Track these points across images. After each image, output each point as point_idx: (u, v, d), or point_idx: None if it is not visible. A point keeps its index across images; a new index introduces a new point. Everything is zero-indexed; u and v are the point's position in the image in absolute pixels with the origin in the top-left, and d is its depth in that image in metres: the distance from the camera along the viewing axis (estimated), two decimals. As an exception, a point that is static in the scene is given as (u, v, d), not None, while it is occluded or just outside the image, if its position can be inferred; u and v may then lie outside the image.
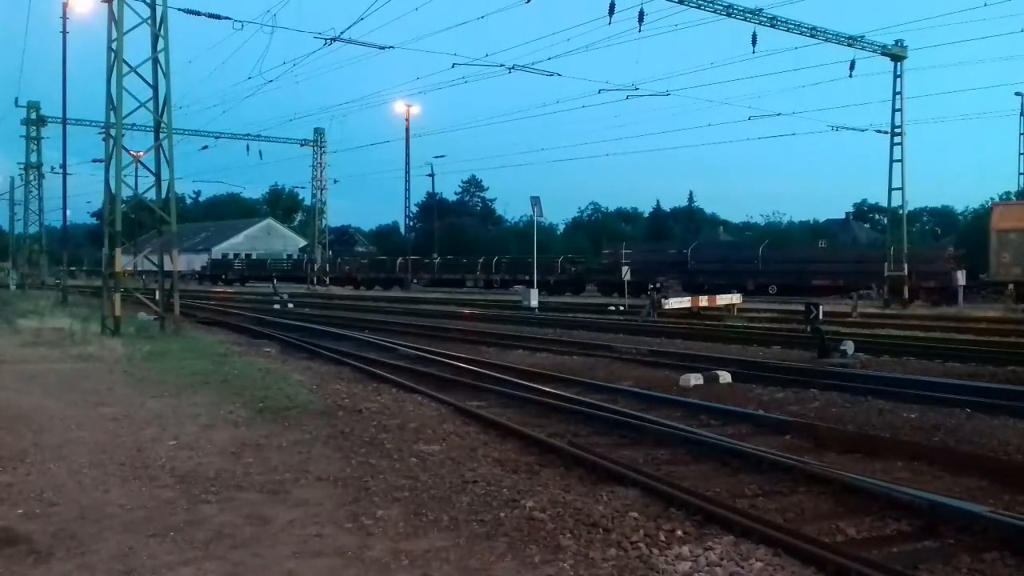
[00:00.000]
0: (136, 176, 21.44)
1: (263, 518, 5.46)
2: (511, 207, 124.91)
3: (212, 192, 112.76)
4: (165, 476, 6.50)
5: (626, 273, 32.88)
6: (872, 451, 7.48)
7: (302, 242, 78.40)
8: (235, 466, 6.82)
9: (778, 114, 35.13)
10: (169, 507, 5.68)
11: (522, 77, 29.97)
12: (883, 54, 30.64)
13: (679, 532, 5.17)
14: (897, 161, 32.13)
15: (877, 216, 74.17)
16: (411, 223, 65.62)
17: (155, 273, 22.29)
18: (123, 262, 20.46)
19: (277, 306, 33.13)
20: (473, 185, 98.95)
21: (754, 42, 26.89)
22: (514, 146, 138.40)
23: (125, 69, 19.46)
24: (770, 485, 6.39)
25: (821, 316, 15.88)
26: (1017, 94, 44.22)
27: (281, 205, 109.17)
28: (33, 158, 48.45)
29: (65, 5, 34.19)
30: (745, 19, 27.10)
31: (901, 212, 33.30)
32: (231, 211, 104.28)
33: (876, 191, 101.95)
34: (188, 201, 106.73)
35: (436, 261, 56.12)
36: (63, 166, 39.54)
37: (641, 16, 24.05)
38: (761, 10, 27.06)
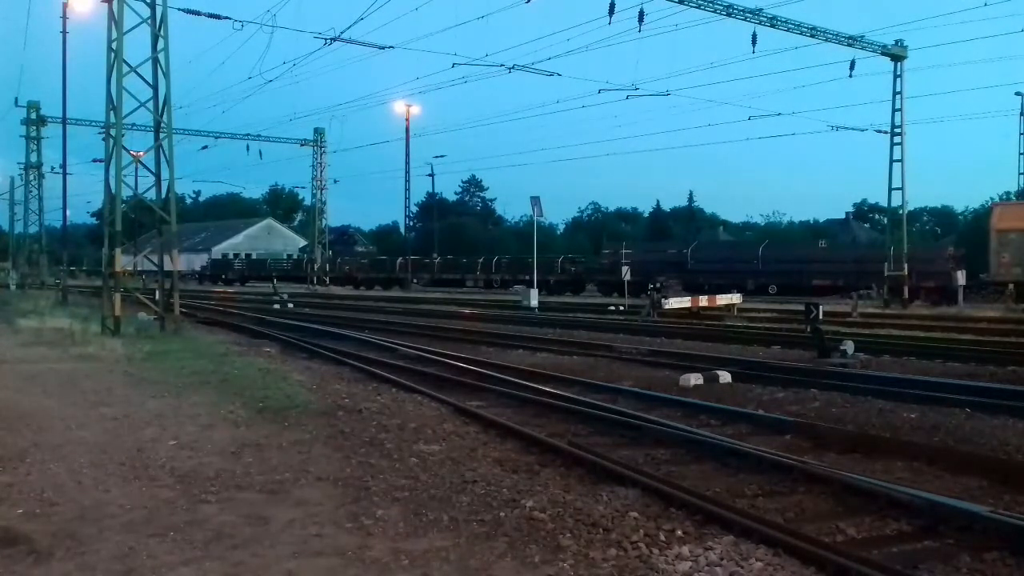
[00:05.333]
0: (136, 176, 21.42)
1: (263, 518, 5.45)
2: (511, 207, 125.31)
3: (212, 192, 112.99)
4: (165, 476, 6.50)
5: (626, 273, 32.88)
6: (872, 451, 7.48)
7: (302, 242, 78.40)
8: (235, 466, 6.82)
9: (778, 114, 35.20)
10: (169, 507, 5.68)
11: (522, 77, 30.03)
12: (883, 54, 30.63)
13: (679, 532, 5.17)
14: (897, 161, 32.15)
15: (877, 216, 74.15)
16: (411, 223, 65.70)
17: (155, 273, 22.28)
18: (123, 262, 20.47)
19: (277, 306, 33.13)
20: (473, 185, 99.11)
21: (754, 42, 26.94)
22: (514, 146, 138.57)
23: (125, 69, 19.45)
24: (770, 485, 6.39)
25: (821, 316, 15.88)
26: (1017, 94, 44.28)
27: (281, 205, 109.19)
28: (33, 158, 48.50)
29: (65, 5, 34.21)
30: (745, 19, 27.10)
31: (901, 212, 33.29)
32: (231, 211, 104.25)
33: (876, 191, 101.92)
34: (188, 201, 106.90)
35: (436, 261, 56.12)
36: (63, 166, 39.53)
37: (641, 16, 24.10)
38: (761, 10, 27.08)
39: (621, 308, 28.89)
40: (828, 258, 38.89)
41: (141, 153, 21.49)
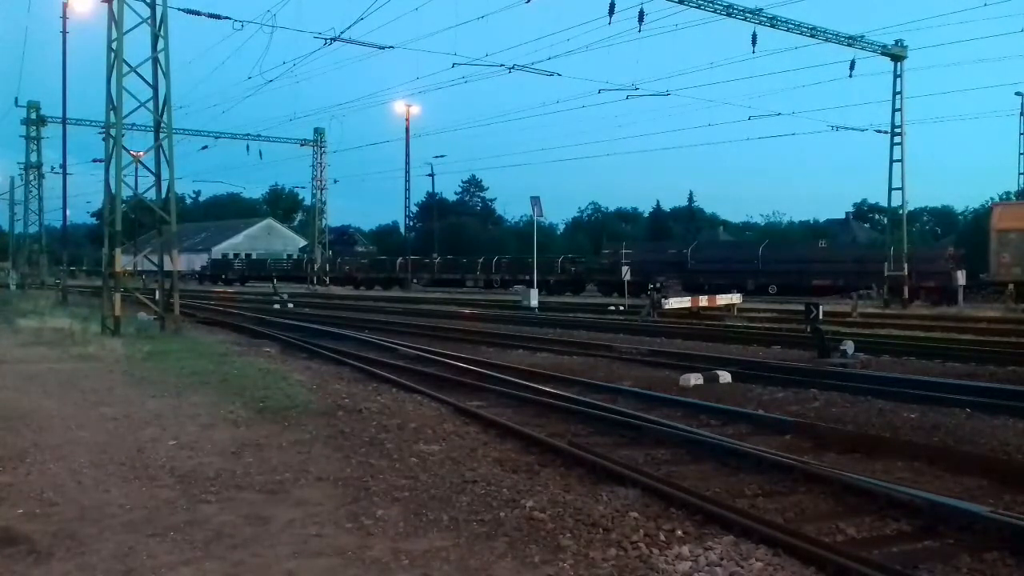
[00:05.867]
0: (136, 176, 21.44)
1: (263, 518, 5.45)
2: (511, 207, 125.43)
3: (212, 192, 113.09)
4: (165, 476, 6.50)
5: (626, 273, 32.89)
6: (872, 451, 7.48)
7: (302, 242, 78.41)
8: (235, 466, 6.81)
9: (778, 114, 35.15)
10: (169, 507, 5.68)
11: (522, 77, 30.03)
12: (883, 54, 30.64)
13: (679, 532, 5.17)
14: (897, 161, 32.15)
15: (877, 216, 74.22)
16: (411, 223, 65.72)
17: (155, 273, 22.29)
18: (123, 262, 20.47)
19: (277, 306, 33.13)
20: (473, 185, 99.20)
21: (754, 42, 26.97)
22: (514, 146, 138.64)
23: (125, 69, 19.46)
24: (770, 485, 6.39)
25: (821, 316, 15.87)
26: (1017, 94, 44.28)
27: (281, 205, 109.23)
28: (33, 158, 48.56)
29: (65, 5, 34.28)
30: (745, 19, 27.11)
31: (901, 212, 33.30)
32: (231, 211, 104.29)
33: (876, 191, 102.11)
34: (188, 201, 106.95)
35: (436, 261, 56.12)
36: (63, 166, 39.62)
37: (641, 16, 24.11)
38: (761, 10, 27.09)
39: (621, 308, 28.89)
40: (828, 258, 38.89)
41: (141, 153, 21.50)
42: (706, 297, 27.53)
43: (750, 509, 5.68)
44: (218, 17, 24.29)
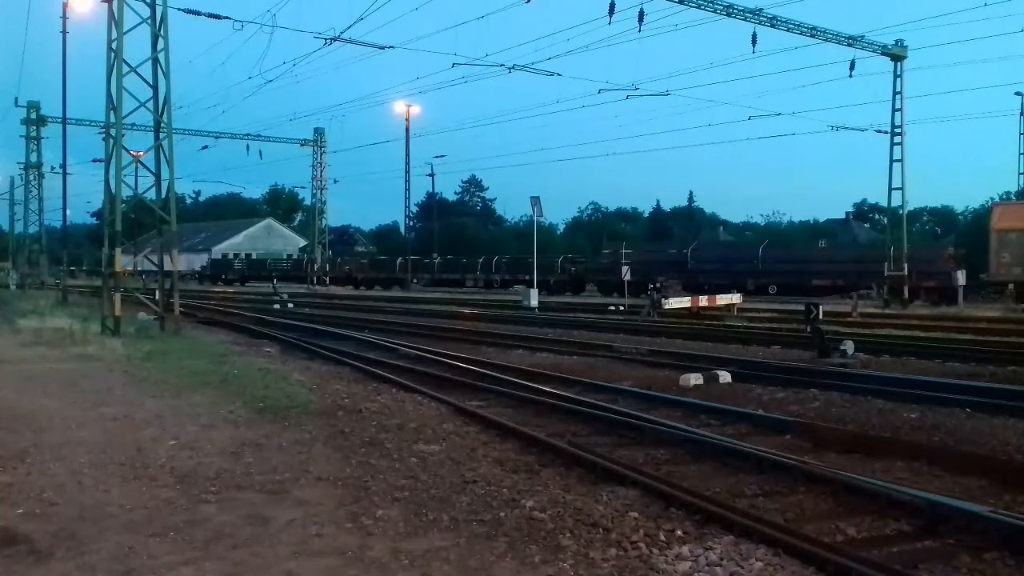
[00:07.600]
0: (136, 176, 21.46)
1: (263, 518, 5.45)
2: (511, 207, 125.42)
3: (212, 192, 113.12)
4: (165, 476, 6.50)
5: (626, 273, 32.88)
6: (872, 451, 7.47)
7: (302, 242, 78.45)
8: (235, 466, 6.82)
9: (778, 114, 35.18)
10: (169, 507, 5.68)
11: (522, 77, 30.06)
12: (883, 54, 30.66)
13: (679, 532, 5.17)
14: (897, 161, 32.16)
15: (877, 216, 74.12)
16: (411, 223, 65.72)
17: (155, 273, 22.29)
18: (123, 262, 20.47)
19: (277, 306, 33.13)
20: (473, 185, 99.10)
21: (754, 42, 26.99)
22: (514, 146, 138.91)
23: (125, 69, 19.46)
24: (770, 485, 6.39)
25: (821, 316, 15.86)
26: (1017, 94, 44.30)
27: (281, 205, 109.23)
28: (33, 158, 48.52)
29: (65, 5, 34.26)
30: (745, 19, 27.12)
31: (901, 212, 33.31)
32: (231, 211, 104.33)
33: (876, 191, 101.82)
34: (188, 201, 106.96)
35: (436, 261, 56.12)
36: (63, 166, 39.57)
37: (641, 16, 24.12)
38: (761, 10, 27.10)
39: (621, 308, 28.89)
40: (828, 258, 38.89)
41: (141, 153, 21.52)
42: (706, 297, 27.54)
43: (750, 509, 5.68)
44: (218, 17, 24.33)
